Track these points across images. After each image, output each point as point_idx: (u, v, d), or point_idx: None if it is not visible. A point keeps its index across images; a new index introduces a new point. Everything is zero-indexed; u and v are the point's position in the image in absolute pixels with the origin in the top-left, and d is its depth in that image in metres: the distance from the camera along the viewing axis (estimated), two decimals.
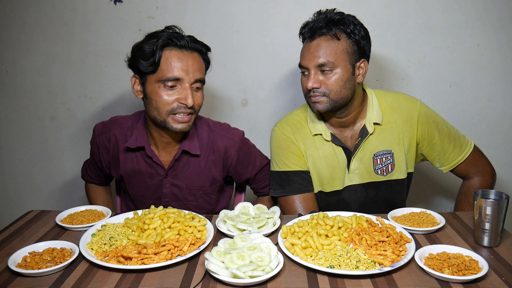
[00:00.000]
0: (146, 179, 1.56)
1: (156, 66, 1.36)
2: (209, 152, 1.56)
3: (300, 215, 1.43)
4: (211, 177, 1.58)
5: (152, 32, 1.43)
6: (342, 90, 1.43)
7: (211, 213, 1.65)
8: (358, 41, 1.44)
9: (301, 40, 1.52)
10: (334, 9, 1.46)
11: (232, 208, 1.47)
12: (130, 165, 1.55)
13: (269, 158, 1.73)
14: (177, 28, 1.44)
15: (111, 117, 1.63)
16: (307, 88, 1.45)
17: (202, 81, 1.43)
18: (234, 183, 1.79)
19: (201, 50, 1.44)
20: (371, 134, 1.52)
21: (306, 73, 1.47)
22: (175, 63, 1.36)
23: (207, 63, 1.49)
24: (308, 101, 1.50)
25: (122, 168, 1.56)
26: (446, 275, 1.00)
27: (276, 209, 1.37)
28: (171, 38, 1.37)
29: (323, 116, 1.57)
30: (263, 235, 1.20)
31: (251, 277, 1.00)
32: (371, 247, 1.16)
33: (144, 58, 1.37)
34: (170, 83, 1.36)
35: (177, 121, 1.40)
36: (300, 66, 1.48)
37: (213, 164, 1.57)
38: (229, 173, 1.63)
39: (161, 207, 1.35)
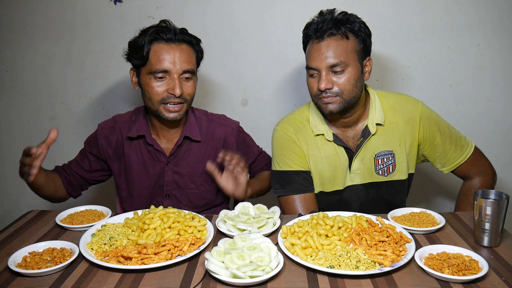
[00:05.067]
0: (149, 168, 1.61)
1: (145, 60, 1.46)
2: (209, 139, 1.63)
3: (300, 215, 1.43)
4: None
5: (145, 28, 1.51)
6: (354, 89, 1.43)
7: (212, 203, 1.69)
8: (364, 39, 1.45)
9: (304, 40, 1.51)
10: (334, 9, 1.46)
11: (233, 201, 1.48)
12: (134, 155, 1.61)
13: (262, 148, 1.79)
14: (167, 22, 1.51)
15: (114, 115, 1.68)
16: (318, 89, 1.43)
17: (191, 72, 1.50)
18: None
19: (190, 41, 1.52)
20: (373, 135, 1.52)
21: (315, 74, 1.45)
22: (162, 55, 1.45)
23: (199, 53, 1.56)
24: (318, 103, 1.48)
25: (126, 159, 1.61)
26: (446, 275, 1.00)
27: (276, 209, 1.37)
28: (158, 32, 1.47)
29: (325, 116, 1.57)
30: (263, 235, 1.20)
31: (251, 277, 1.00)
32: (371, 247, 1.16)
33: (136, 52, 1.48)
34: (159, 75, 1.46)
35: (169, 110, 1.48)
36: (309, 68, 1.45)
37: (213, 151, 1.62)
38: None
39: (161, 207, 1.35)
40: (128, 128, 1.61)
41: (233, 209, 1.42)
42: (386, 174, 1.56)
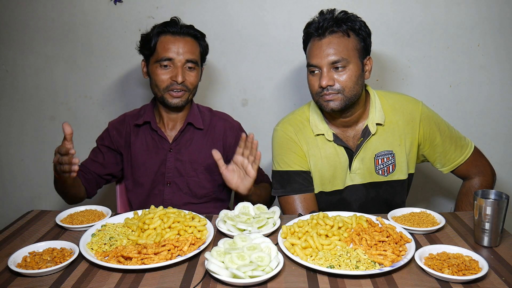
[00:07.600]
0: (152, 155, 1.69)
1: (153, 50, 1.60)
2: (211, 130, 1.72)
3: (300, 215, 1.43)
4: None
5: (157, 24, 1.65)
6: (355, 86, 1.44)
7: (212, 195, 1.71)
8: (365, 38, 1.46)
9: (304, 39, 1.52)
10: (334, 9, 1.46)
11: (233, 201, 1.48)
12: (139, 143, 1.70)
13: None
14: (176, 18, 1.64)
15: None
16: (320, 87, 1.43)
17: (194, 62, 1.61)
18: None
19: (194, 34, 1.64)
20: (373, 135, 1.52)
21: (316, 72, 1.45)
22: (168, 46, 1.58)
23: (203, 47, 1.68)
24: (318, 101, 1.48)
25: (132, 147, 1.70)
26: (446, 275, 1.00)
27: (276, 209, 1.37)
28: (165, 26, 1.61)
29: (326, 116, 1.57)
30: (263, 235, 1.20)
31: (251, 277, 1.00)
32: (371, 247, 1.16)
33: (145, 43, 1.63)
34: (164, 63, 1.58)
35: (172, 96, 1.60)
36: (310, 65, 1.46)
37: (213, 142, 1.70)
38: (227, 156, 1.67)
39: (161, 207, 1.35)
40: (136, 119, 1.72)
41: (233, 209, 1.42)
42: (386, 174, 1.56)
